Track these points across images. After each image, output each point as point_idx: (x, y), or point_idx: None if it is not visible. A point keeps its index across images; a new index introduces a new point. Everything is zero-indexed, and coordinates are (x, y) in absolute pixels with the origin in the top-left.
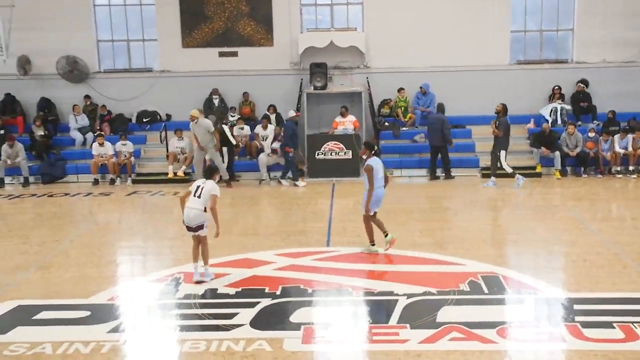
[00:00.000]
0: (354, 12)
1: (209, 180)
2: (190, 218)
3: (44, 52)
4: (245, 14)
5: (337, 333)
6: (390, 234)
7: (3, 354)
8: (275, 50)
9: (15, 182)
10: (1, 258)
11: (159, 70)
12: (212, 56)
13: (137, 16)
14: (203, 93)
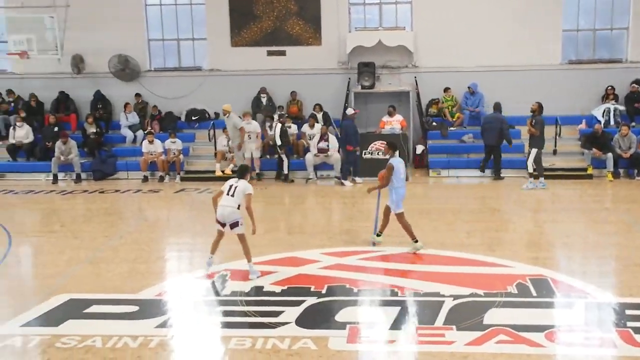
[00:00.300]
0: (402, 10)
1: (241, 179)
2: (224, 215)
3: (97, 51)
4: (293, 13)
5: (382, 333)
6: (380, 238)
7: (55, 346)
8: (323, 49)
9: (67, 178)
10: (54, 252)
11: (208, 69)
12: (261, 55)
13: (188, 15)
14: (251, 92)
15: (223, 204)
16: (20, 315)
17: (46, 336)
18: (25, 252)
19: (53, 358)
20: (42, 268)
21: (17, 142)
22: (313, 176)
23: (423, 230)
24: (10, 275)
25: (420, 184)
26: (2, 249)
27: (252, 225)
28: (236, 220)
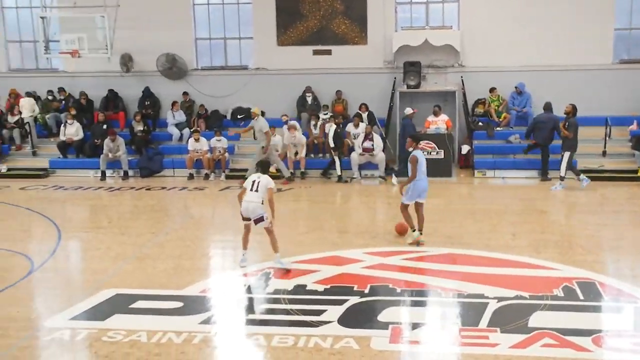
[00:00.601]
0: (449, 9)
1: (263, 174)
2: (249, 210)
3: (146, 50)
4: (340, 13)
5: (425, 334)
6: (417, 233)
7: (102, 340)
8: (368, 48)
9: (115, 175)
10: (101, 248)
11: (254, 68)
12: (307, 54)
13: (235, 15)
14: (296, 91)
15: (247, 199)
16: (68, 309)
17: (93, 330)
18: (74, 247)
19: (99, 352)
20: (89, 263)
21: (67, 139)
22: (357, 175)
23: (468, 230)
24: (59, 269)
25: (465, 184)
26: (51, 243)
27: (271, 218)
28: (260, 215)
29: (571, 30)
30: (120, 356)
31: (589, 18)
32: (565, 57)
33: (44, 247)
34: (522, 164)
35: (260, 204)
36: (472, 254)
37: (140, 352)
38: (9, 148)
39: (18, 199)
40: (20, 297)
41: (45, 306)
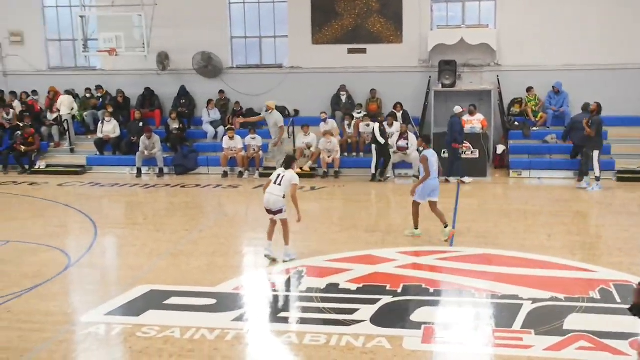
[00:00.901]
0: (486, 8)
1: (288, 169)
2: (270, 203)
3: (182, 48)
4: (375, 11)
5: (458, 335)
6: (449, 227)
7: (136, 335)
8: (404, 47)
9: (151, 172)
10: (137, 244)
11: (289, 67)
12: (341, 53)
13: (270, 13)
14: (331, 89)
15: (269, 191)
16: (104, 304)
17: (128, 325)
18: (110, 243)
19: (134, 347)
20: (125, 259)
21: (105, 137)
22: (391, 174)
23: (502, 231)
24: (95, 265)
25: (500, 184)
26: (88, 239)
27: (297, 214)
28: (280, 208)
29: (610, 28)
30: (154, 352)
31: (628, 17)
32: (605, 56)
33: (81, 243)
34: (559, 165)
35: (280, 197)
36: (507, 254)
37: (174, 348)
38: (48, 145)
39: (56, 195)
40: (57, 291)
41: (81, 301)
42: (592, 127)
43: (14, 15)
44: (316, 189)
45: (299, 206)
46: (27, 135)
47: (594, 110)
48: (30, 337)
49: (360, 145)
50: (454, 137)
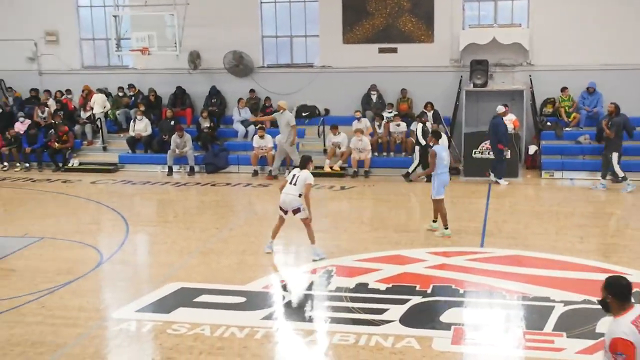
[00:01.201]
0: (519, 6)
1: (304, 169)
2: (286, 203)
3: (213, 47)
4: (406, 10)
5: (488, 336)
6: (437, 226)
7: (166, 332)
8: (435, 46)
9: (182, 170)
10: (167, 242)
11: (319, 66)
12: (372, 52)
13: (301, 12)
14: (361, 89)
15: (285, 191)
16: (135, 301)
17: (158, 322)
18: (141, 240)
19: (164, 344)
20: (156, 256)
21: (136, 135)
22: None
23: (533, 232)
24: (127, 262)
25: (531, 185)
26: (120, 236)
27: (308, 212)
28: (297, 207)
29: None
30: (184, 349)
31: None
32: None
33: (113, 240)
34: (592, 166)
35: (296, 196)
36: (538, 256)
37: (204, 345)
38: (81, 143)
39: (89, 193)
40: (90, 288)
41: (113, 297)
42: (611, 129)
43: (49, 15)
44: (346, 188)
45: (311, 207)
46: (61, 133)
47: (612, 112)
48: (63, 332)
49: (391, 145)
50: (499, 138)
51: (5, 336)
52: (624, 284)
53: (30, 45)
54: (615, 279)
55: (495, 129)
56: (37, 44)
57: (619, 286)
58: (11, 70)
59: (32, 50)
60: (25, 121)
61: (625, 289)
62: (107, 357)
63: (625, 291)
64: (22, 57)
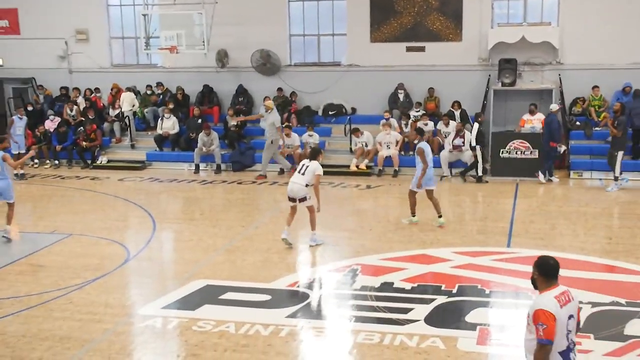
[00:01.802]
0: (548, 5)
1: (313, 160)
2: (293, 191)
3: (241, 46)
4: (434, 9)
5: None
6: (442, 219)
7: (192, 329)
8: (463, 45)
9: (208, 168)
10: (193, 239)
11: (346, 65)
12: (400, 51)
13: (329, 11)
14: (388, 88)
15: (293, 180)
16: (161, 298)
17: (184, 319)
18: (167, 237)
19: (189, 340)
20: (182, 253)
21: (164, 133)
22: (447, 174)
23: (561, 232)
24: (153, 259)
25: (560, 185)
26: (146, 234)
27: (317, 203)
28: (304, 196)
29: None
30: (209, 346)
31: None
32: None
33: (140, 237)
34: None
35: (303, 186)
36: (565, 256)
37: (229, 342)
38: (110, 140)
39: (116, 190)
40: (117, 284)
41: (139, 294)
42: (618, 128)
43: (80, 13)
44: (372, 187)
45: (319, 198)
46: (90, 131)
47: (617, 111)
48: (90, 328)
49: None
50: (552, 136)
51: (34, 331)
52: (551, 264)
53: (61, 44)
54: (544, 259)
55: (549, 127)
56: (67, 43)
57: (546, 265)
58: (42, 68)
59: (63, 48)
60: (55, 119)
61: (551, 268)
62: (133, 353)
63: (550, 270)
64: (53, 55)
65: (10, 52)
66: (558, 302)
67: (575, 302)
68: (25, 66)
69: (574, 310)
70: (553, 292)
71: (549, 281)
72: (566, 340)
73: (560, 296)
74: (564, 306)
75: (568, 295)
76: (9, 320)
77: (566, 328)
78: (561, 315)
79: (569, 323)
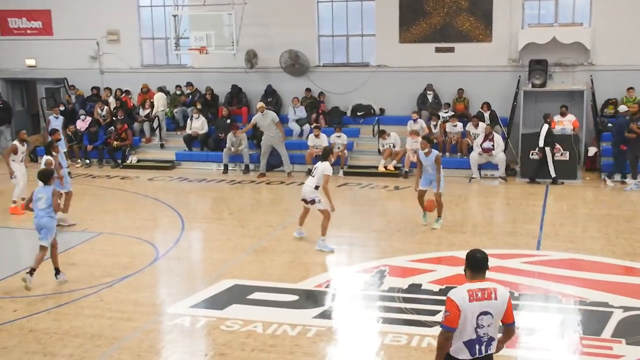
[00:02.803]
0: (580, 5)
1: (324, 161)
2: (304, 193)
3: (269, 46)
4: (464, 9)
5: (543, 340)
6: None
7: (220, 328)
8: (493, 46)
9: (237, 168)
10: (222, 239)
11: (375, 65)
12: (429, 51)
13: (357, 12)
14: (417, 88)
15: (305, 183)
16: (189, 297)
17: (212, 318)
18: (196, 237)
19: (217, 340)
20: (210, 253)
21: (193, 133)
22: (477, 175)
23: (592, 236)
24: (182, 258)
25: (591, 187)
26: (175, 233)
27: (329, 203)
28: (312, 198)
29: None
30: (236, 345)
31: None
32: None
33: (169, 236)
34: None
35: (312, 188)
36: (596, 260)
37: (256, 342)
38: (140, 140)
39: (146, 189)
40: (146, 283)
41: (168, 293)
42: None
43: (111, 15)
44: (400, 188)
45: (331, 198)
46: (121, 130)
47: (635, 113)
48: (120, 326)
49: (447, 145)
50: (622, 138)
51: (66, 328)
52: (477, 257)
53: (93, 45)
54: (472, 252)
55: (620, 129)
56: (99, 43)
57: (472, 258)
58: (74, 69)
59: (94, 49)
60: (86, 119)
61: (476, 262)
62: (162, 352)
63: (475, 263)
64: (84, 56)
65: (43, 53)
66: (469, 295)
67: (500, 302)
68: (57, 67)
69: (495, 309)
70: (471, 285)
71: (474, 274)
72: (474, 333)
73: (475, 291)
74: (476, 301)
75: (490, 293)
76: (40, 317)
77: (476, 322)
78: (468, 308)
79: (481, 318)
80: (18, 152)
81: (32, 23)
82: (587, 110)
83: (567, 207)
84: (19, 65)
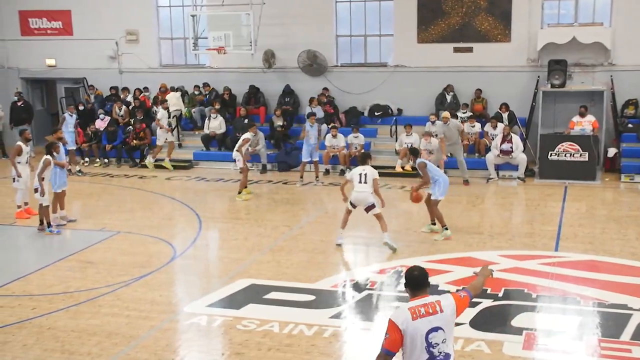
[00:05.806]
0: (601, 5)
1: (367, 166)
2: (359, 200)
3: (287, 46)
4: (483, 9)
5: (561, 342)
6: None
7: (236, 327)
8: (512, 46)
9: (254, 168)
10: (239, 238)
11: (393, 65)
12: (447, 52)
13: (375, 12)
14: (435, 89)
15: (358, 190)
16: (206, 296)
17: (228, 317)
18: (213, 236)
19: (234, 339)
20: (227, 252)
21: (211, 133)
22: (494, 176)
23: (611, 237)
24: (199, 257)
25: (610, 189)
26: (193, 232)
27: (381, 201)
28: (371, 203)
29: None
30: (253, 345)
31: None
32: None
33: (186, 236)
34: None
35: (370, 193)
36: (615, 261)
37: (272, 342)
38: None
39: (164, 189)
40: (163, 282)
41: (184, 292)
42: None
43: (130, 15)
44: None
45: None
46: (139, 130)
47: None
48: (137, 324)
49: (465, 145)
50: None
51: (83, 326)
52: (414, 275)
53: (112, 45)
54: (409, 270)
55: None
56: (118, 43)
57: (410, 276)
58: (93, 68)
59: (113, 49)
60: (105, 118)
61: (413, 279)
62: (179, 350)
63: (413, 281)
64: (103, 56)
65: (63, 53)
66: (412, 314)
67: (447, 312)
68: (77, 66)
69: (444, 321)
70: (412, 303)
71: (414, 292)
72: (426, 353)
73: (417, 308)
74: (421, 318)
75: (434, 306)
76: (59, 315)
77: (425, 341)
78: (414, 327)
79: (432, 336)
80: (22, 152)
81: (52, 23)
82: (607, 111)
83: (585, 208)
84: (39, 65)
